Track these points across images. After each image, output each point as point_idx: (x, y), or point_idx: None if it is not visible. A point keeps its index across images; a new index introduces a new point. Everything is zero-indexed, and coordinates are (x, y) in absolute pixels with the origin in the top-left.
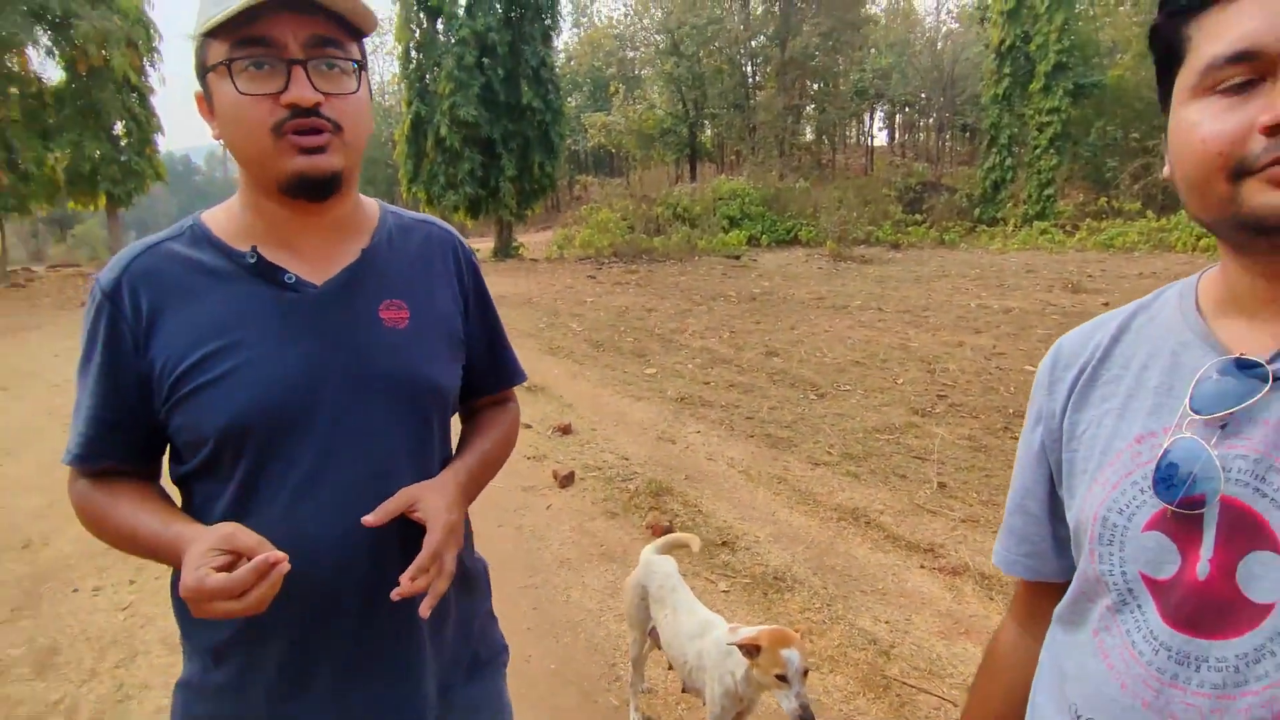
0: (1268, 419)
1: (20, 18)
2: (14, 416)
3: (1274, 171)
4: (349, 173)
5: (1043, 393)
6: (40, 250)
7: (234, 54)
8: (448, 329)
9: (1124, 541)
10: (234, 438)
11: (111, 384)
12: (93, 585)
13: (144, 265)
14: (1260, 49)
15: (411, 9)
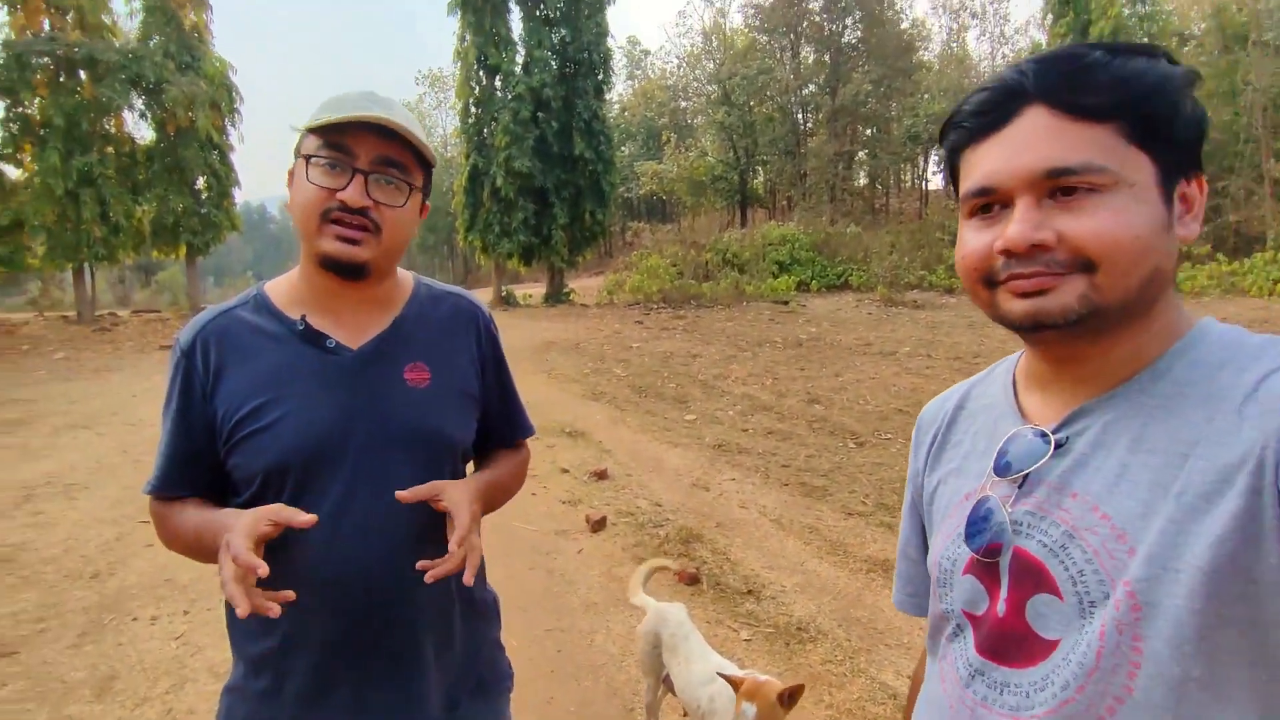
0: (1049, 480)
1: (119, 85)
2: (93, 453)
3: (1012, 284)
4: (381, 263)
5: (912, 455)
6: (126, 295)
7: (318, 151)
8: (464, 389)
9: (952, 584)
10: (276, 475)
11: (185, 426)
12: (150, 615)
13: (215, 328)
14: (995, 185)
15: (472, 68)
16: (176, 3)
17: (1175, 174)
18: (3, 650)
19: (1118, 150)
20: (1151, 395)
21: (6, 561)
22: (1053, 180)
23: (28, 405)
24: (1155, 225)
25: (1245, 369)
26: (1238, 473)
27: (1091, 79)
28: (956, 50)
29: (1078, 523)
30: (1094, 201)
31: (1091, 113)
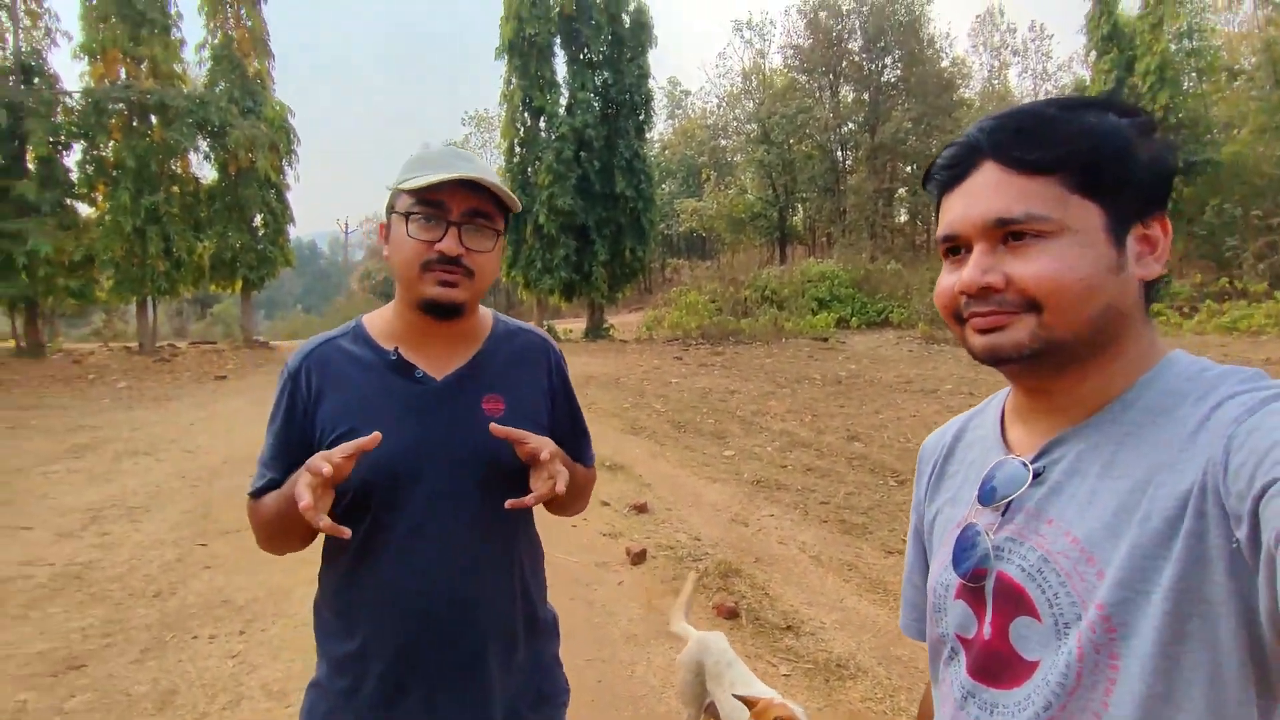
0: (1028, 506)
1: (187, 129)
2: (153, 478)
3: (972, 321)
4: (471, 304)
5: (915, 486)
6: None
7: (414, 208)
8: (535, 418)
9: (945, 608)
10: (362, 492)
11: (285, 441)
12: (209, 634)
13: (318, 355)
14: (956, 233)
15: (517, 109)
16: (241, 51)
17: (1129, 218)
18: (73, 663)
19: (1061, 200)
20: (1121, 424)
21: (76, 579)
22: (1002, 228)
23: (93, 431)
24: (1099, 267)
25: (1203, 398)
26: (1189, 497)
27: (1038, 136)
28: (998, 87)
29: (1051, 547)
30: (1039, 247)
31: (1036, 167)
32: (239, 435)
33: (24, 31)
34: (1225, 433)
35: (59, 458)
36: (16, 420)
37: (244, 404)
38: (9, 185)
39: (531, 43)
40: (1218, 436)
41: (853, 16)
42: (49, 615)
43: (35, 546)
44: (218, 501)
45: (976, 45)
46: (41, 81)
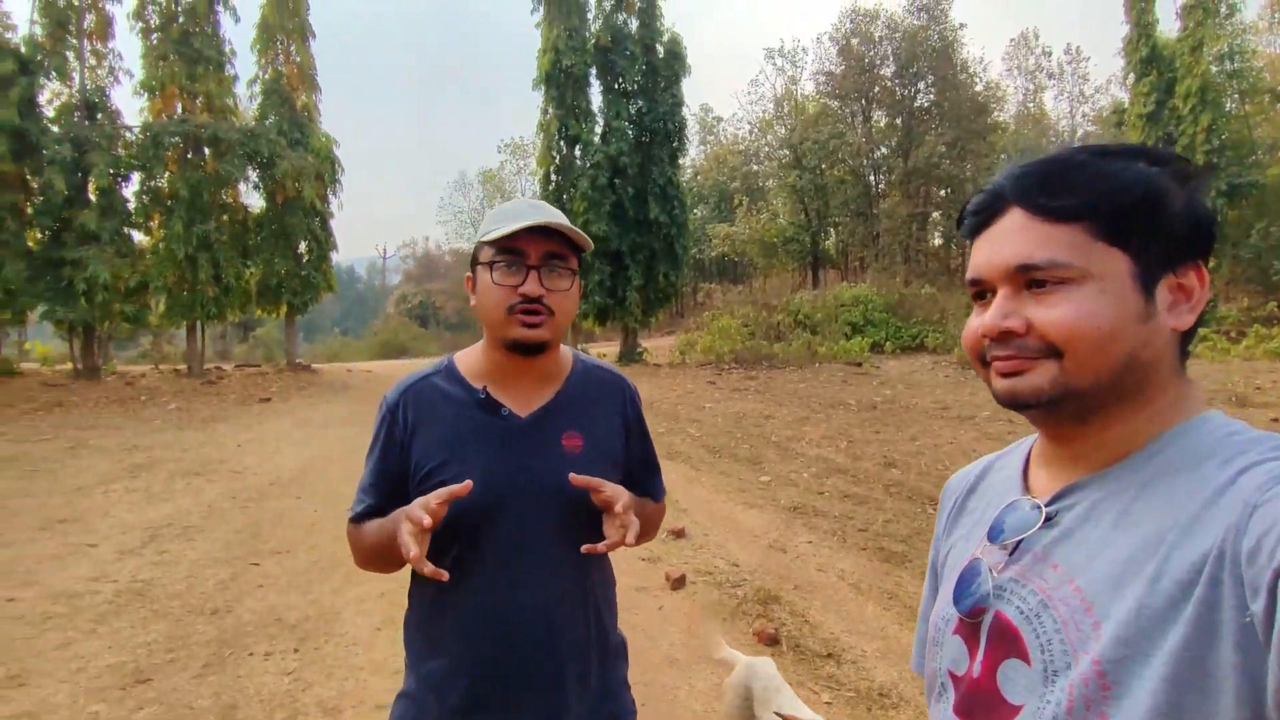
0: (1035, 549)
1: (238, 160)
2: (205, 498)
3: (995, 365)
4: (553, 342)
5: (937, 521)
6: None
7: (496, 257)
8: (610, 454)
9: (942, 643)
10: (452, 522)
11: (384, 470)
12: (265, 651)
13: (415, 391)
14: (981, 277)
15: (554, 138)
16: (290, 86)
17: (1159, 267)
18: (140, 677)
19: (1085, 247)
20: (1142, 475)
21: (139, 595)
22: (1024, 274)
23: (147, 452)
24: (1123, 316)
25: (1229, 461)
26: (1205, 562)
27: (1063, 183)
28: (1034, 110)
29: (1052, 593)
30: (1062, 294)
31: (1060, 214)
32: (284, 457)
33: (89, 70)
34: (1249, 500)
35: (118, 477)
36: (77, 440)
37: (288, 426)
38: (73, 215)
39: (568, 74)
40: (1240, 503)
41: (885, 43)
42: (116, 630)
43: (101, 563)
44: (267, 522)
45: (1011, 69)
46: (104, 117)
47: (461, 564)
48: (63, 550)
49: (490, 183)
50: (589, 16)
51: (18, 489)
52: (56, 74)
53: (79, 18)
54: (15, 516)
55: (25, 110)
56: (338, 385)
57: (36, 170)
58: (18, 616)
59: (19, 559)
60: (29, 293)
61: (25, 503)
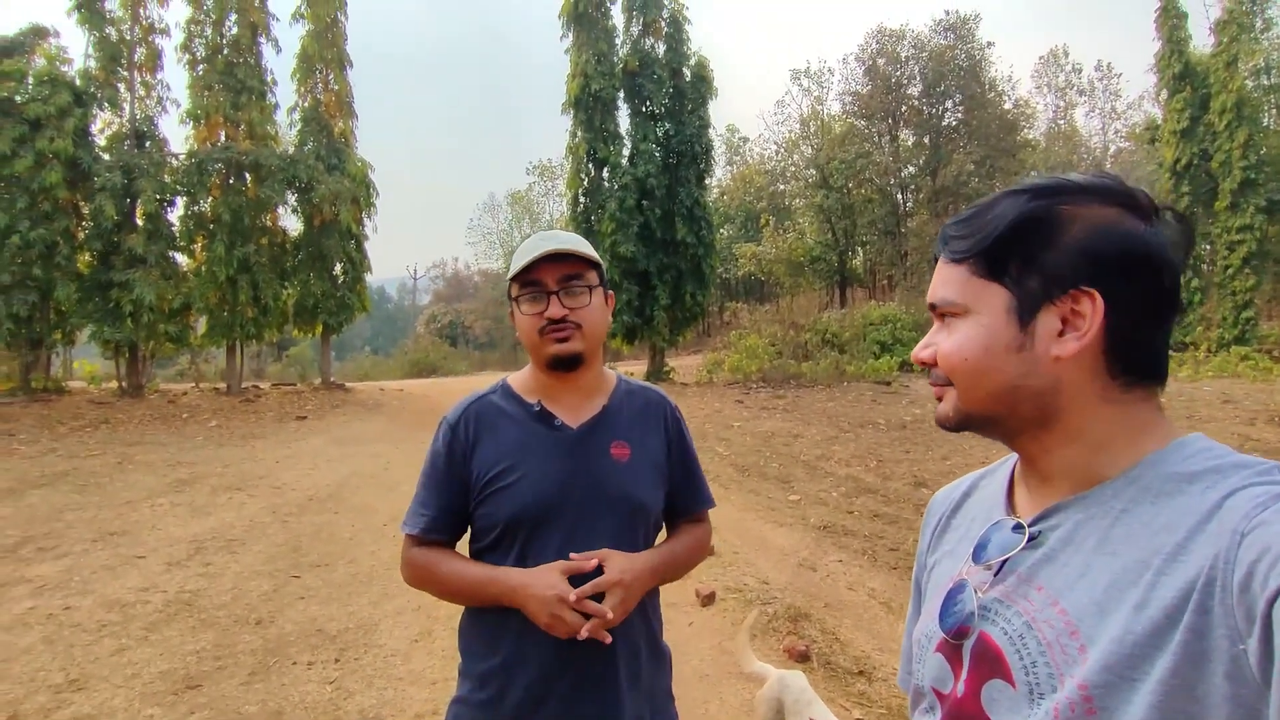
0: (1020, 570)
1: (278, 185)
2: (245, 513)
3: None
4: (589, 353)
5: (920, 537)
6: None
7: (520, 291)
8: (655, 463)
9: (925, 660)
10: (513, 525)
11: (446, 479)
12: (307, 660)
13: (475, 409)
14: (932, 302)
15: (582, 161)
16: (328, 113)
17: (1039, 298)
18: (190, 683)
19: (968, 284)
20: (1121, 499)
21: (187, 605)
22: (934, 310)
23: (191, 467)
24: (990, 346)
25: (1213, 486)
26: (1193, 589)
27: (964, 228)
28: (1064, 127)
29: (1037, 614)
30: (952, 327)
31: (954, 256)
32: (321, 474)
33: (139, 101)
34: (1236, 527)
35: (164, 491)
36: (124, 456)
37: (324, 443)
38: (121, 239)
39: (596, 98)
40: (1227, 530)
41: (912, 63)
42: (167, 638)
43: (150, 574)
44: (306, 536)
45: (1040, 86)
46: (152, 145)
47: (522, 561)
48: (114, 561)
49: (519, 204)
50: (617, 42)
51: (72, 502)
52: (109, 105)
53: (130, 51)
54: (70, 529)
55: (79, 140)
56: (370, 404)
57: (88, 197)
58: (76, 624)
59: (75, 568)
60: (79, 314)
61: (79, 515)
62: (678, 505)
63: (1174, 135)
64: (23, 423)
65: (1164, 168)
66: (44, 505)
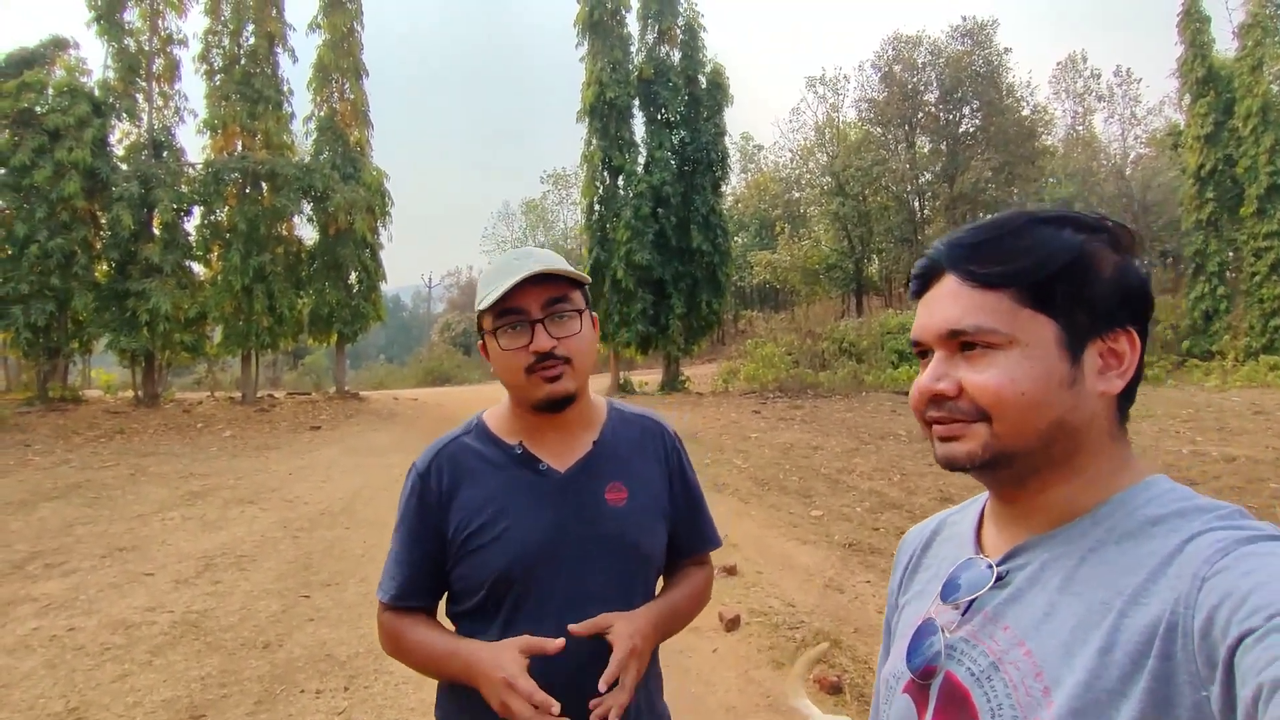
0: (986, 609)
1: (293, 194)
2: (257, 527)
3: (935, 428)
4: (580, 390)
5: (891, 576)
6: (277, 377)
7: (498, 323)
8: (657, 504)
9: (891, 700)
10: (499, 586)
11: (419, 536)
12: (315, 688)
13: (447, 454)
14: (919, 339)
15: (597, 169)
16: (344, 123)
17: (1086, 333)
18: (194, 713)
19: (1012, 313)
20: (1088, 539)
21: (194, 627)
22: (955, 338)
23: (203, 479)
24: (1048, 381)
25: (1175, 530)
26: (1155, 634)
27: (991, 251)
28: (1083, 133)
29: (1003, 655)
30: (989, 358)
31: (988, 280)
32: (334, 486)
33: (157, 111)
34: (1197, 572)
35: (175, 504)
36: (137, 467)
37: (337, 454)
38: (138, 249)
39: (612, 105)
40: (1188, 574)
41: (928, 69)
42: (172, 663)
43: (158, 593)
44: (317, 553)
45: (1059, 92)
46: (170, 155)
47: (510, 625)
48: (121, 579)
49: (533, 212)
50: (632, 50)
51: (83, 516)
52: (127, 115)
53: (148, 62)
54: (80, 543)
55: (97, 150)
56: (384, 413)
57: (106, 206)
58: (79, 647)
59: (82, 586)
60: (96, 323)
61: (89, 529)
62: (681, 545)
63: (1197, 141)
64: (39, 432)
65: (1187, 174)
66: (55, 519)
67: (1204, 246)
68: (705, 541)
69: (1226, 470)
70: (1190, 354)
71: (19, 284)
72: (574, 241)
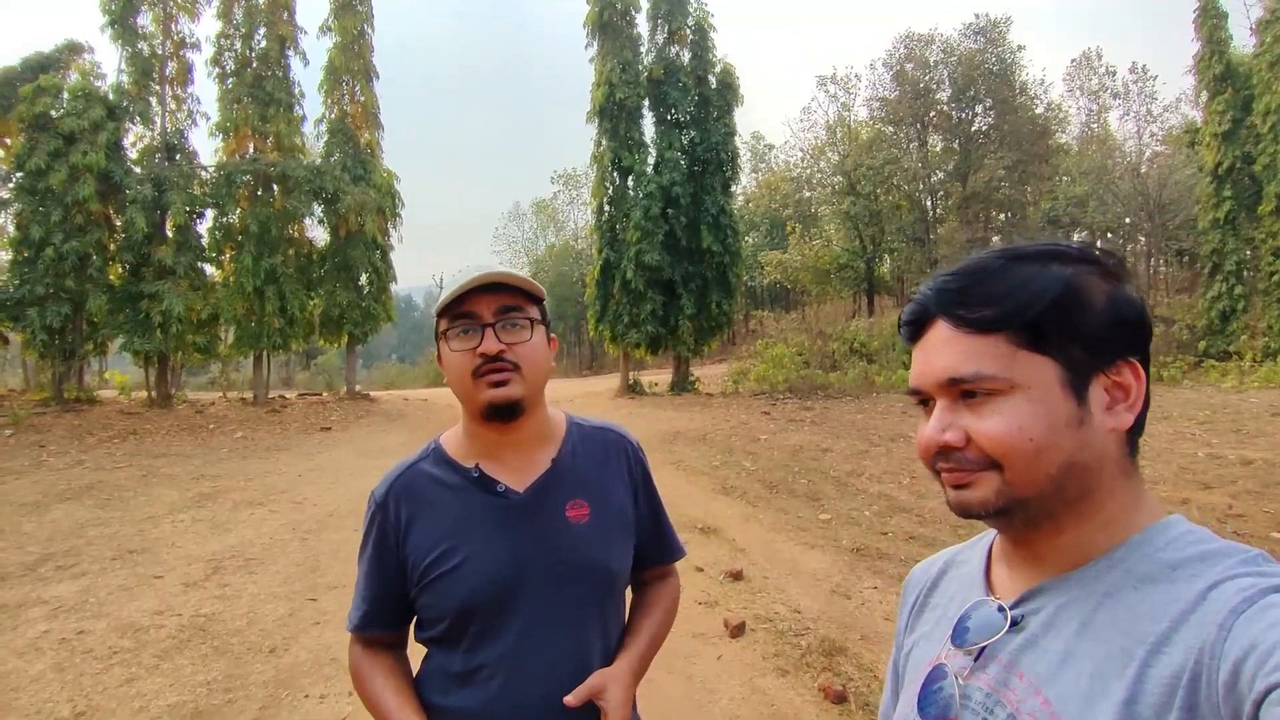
0: (1001, 656)
1: (304, 196)
2: (266, 530)
3: (945, 477)
4: (530, 399)
5: (899, 616)
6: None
7: (450, 325)
8: (620, 519)
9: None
10: (464, 615)
11: (380, 569)
12: (320, 693)
13: (403, 482)
14: (919, 388)
15: (607, 169)
16: (354, 125)
17: (1088, 368)
18: (199, 718)
19: (1009, 357)
20: (1104, 583)
21: (201, 631)
22: (955, 386)
23: (214, 481)
24: (1055, 423)
25: (1199, 575)
26: (1179, 684)
27: (980, 294)
28: (1098, 131)
29: (1020, 705)
30: (993, 405)
31: (980, 325)
32: (343, 488)
33: (170, 114)
34: (1223, 622)
35: (185, 506)
36: (149, 469)
37: (347, 455)
38: (151, 251)
39: (621, 106)
40: (1213, 623)
41: (940, 67)
42: (178, 667)
43: (166, 596)
44: (325, 555)
45: (1073, 89)
46: (182, 158)
47: (475, 654)
48: (131, 581)
49: (544, 213)
50: (642, 50)
51: (94, 518)
52: (140, 118)
53: (162, 66)
54: (91, 546)
55: (111, 153)
56: (394, 414)
57: (120, 209)
58: (87, 650)
59: (92, 589)
60: (110, 325)
61: (101, 531)
62: (646, 558)
63: (1215, 138)
64: (54, 433)
65: (1204, 172)
66: (67, 520)
67: (1221, 245)
68: (670, 552)
69: (1243, 474)
70: (1207, 354)
71: (35, 286)
72: (584, 242)
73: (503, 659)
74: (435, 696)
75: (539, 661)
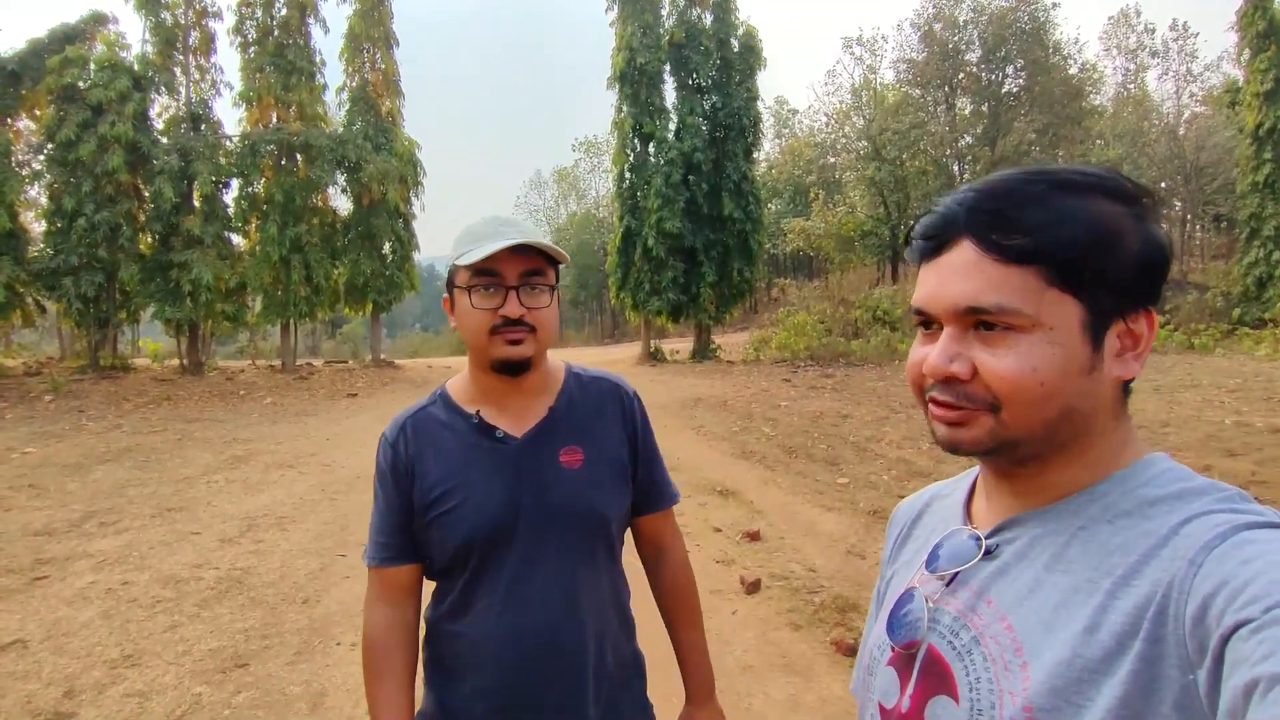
0: (972, 583)
1: (327, 165)
2: (296, 490)
3: (936, 411)
4: (538, 358)
5: (883, 548)
6: (315, 345)
7: (474, 281)
8: (615, 463)
9: (876, 673)
10: (463, 551)
11: (392, 502)
12: (350, 641)
13: (412, 424)
14: (926, 310)
15: (628, 136)
16: (375, 93)
17: (1110, 314)
18: (238, 661)
19: (1037, 293)
20: (1080, 517)
21: (238, 583)
22: (972, 315)
23: (246, 444)
24: (1067, 369)
25: (1174, 510)
26: (1144, 616)
27: (1017, 220)
28: (1134, 91)
29: (984, 629)
30: (1009, 341)
31: (1012, 255)
32: (369, 451)
33: (194, 84)
34: (1194, 557)
35: (219, 468)
36: (184, 433)
37: (371, 420)
38: (180, 221)
39: (642, 71)
40: (1183, 558)
41: (970, 27)
42: (218, 615)
43: (204, 551)
44: (353, 514)
45: (1109, 48)
46: (207, 128)
47: (472, 591)
48: (171, 537)
49: (565, 181)
50: (663, 13)
51: (134, 478)
52: (165, 89)
53: (185, 36)
54: (131, 504)
55: (139, 124)
56: (419, 381)
57: (148, 179)
58: (132, 599)
59: (134, 544)
60: (142, 294)
61: (140, 491)
62: (639, 504)
63: (1256, 98)
64: (92, 399)
65: (1244, 133)
66: (108, 480)
67: (1260, 209)
68: (664, 498)
69: (1270, 441)
70: (1241, 322)
71: (69, 256)
72: (605, 209)
73: (499, 592)
74: (443, 624)
75: (533, 595)
